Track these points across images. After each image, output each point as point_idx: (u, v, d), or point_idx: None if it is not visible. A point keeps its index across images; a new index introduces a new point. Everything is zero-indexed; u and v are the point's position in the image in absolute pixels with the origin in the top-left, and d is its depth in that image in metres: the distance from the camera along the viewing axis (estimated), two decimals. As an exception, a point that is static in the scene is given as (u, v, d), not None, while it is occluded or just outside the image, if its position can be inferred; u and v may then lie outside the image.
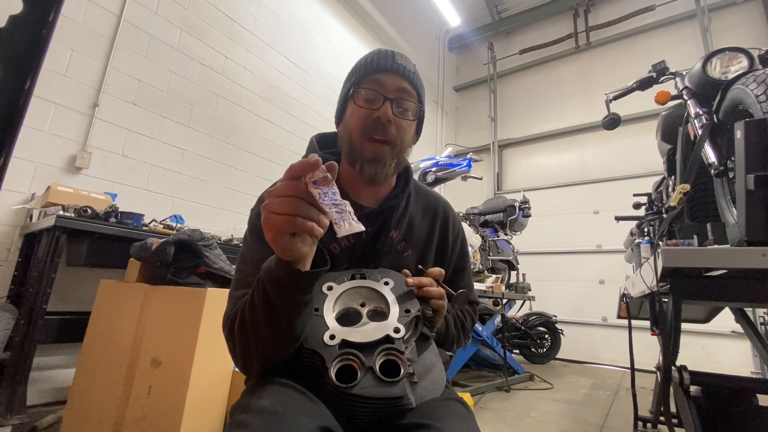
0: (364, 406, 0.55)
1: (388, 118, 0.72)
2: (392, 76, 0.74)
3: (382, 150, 0.74)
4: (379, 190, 0.82)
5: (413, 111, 0.76)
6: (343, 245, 0.77)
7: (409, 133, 0.79)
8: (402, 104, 0.75)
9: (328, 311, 0.63)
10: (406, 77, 0.75)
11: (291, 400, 0.55)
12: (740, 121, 0.98)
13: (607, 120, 1.76)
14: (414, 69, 0.78)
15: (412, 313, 0.63)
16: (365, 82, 0.75)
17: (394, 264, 0.76)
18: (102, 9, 2.60)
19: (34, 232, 2.06)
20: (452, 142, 6.79)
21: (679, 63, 1.81)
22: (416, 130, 0.83)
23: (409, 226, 0.83)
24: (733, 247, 0.98)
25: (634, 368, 2.12)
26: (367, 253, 0.77)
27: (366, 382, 0.55)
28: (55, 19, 0.38)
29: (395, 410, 0.57)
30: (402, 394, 0.55)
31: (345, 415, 0.57)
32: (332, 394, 0.56)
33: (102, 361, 1.60)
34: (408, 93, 0.75)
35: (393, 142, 0.74)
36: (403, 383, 0.56)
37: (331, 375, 0.55)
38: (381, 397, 0.54)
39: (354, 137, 0.75)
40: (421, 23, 6.57)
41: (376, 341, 0.58)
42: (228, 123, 3.40)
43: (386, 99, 0.73)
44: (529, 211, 4.35)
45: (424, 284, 0.68)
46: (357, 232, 0.52)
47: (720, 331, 4.30)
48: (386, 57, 0.77)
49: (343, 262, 0.76)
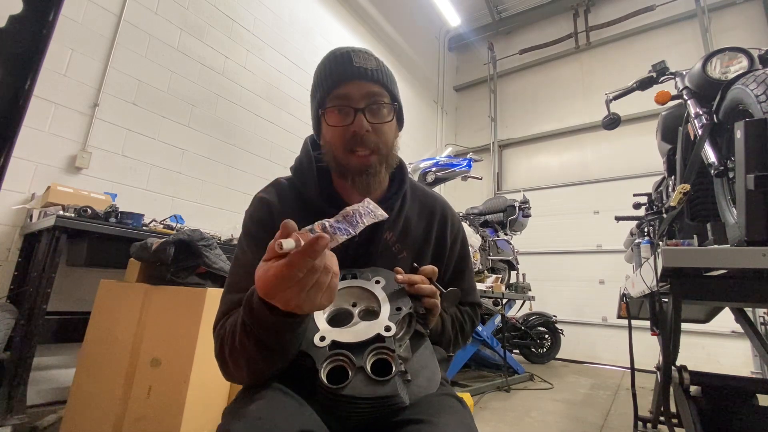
0: (356, 406, 0.55)
1: (365, 130, 0.69)
2: (356, 84, 0.70)
3: (368, 161, 0.72)
4: (374, 193, 0.80)
5: (388, 110, 0.74)
6: (336, 249, 0.76)
7: (391, 134, 0.76)
8: (374, 110, 0.71)
9: (319, 313, 0.62)
10: (370, 78, 0.71)
11: (278, 404, 0.55)
12: (740, 121, 0.98)
13: (607, 120, 1.76)
14: (376, 65, 0.73)
15: (403, 311, 0.63)
16: (330, 99, 0.72)
17: (389, 266, 0.75)
18: (102, 9, 2.59)
19: (34, 232, 2.06)
20: (452, 142, 6.79)
21: (679, 63, 1.81)
22: (398, 120, 0.80)
23: (405, 227, 0.81)
24: (733, 247, 0.98)
25: (634, 368, 2.12)
26: (361, 256, 0.76)
27: (357, 382, 0.54)
28: (55, 19, 0.38)
29: (388, 409, 0.56)
30: (393, 393, 0.54)
31: (338, 416, 0.56)
32: (324, 395, 0.55)
33: (102, 361, 1.60)
34: (377, 95, 0.72)
35: (377, 150, 0.72)
36: (395, 382, 0.55)
37: (322, 377, 0.54)
38: (372, 397, 0.54)
39: (337, 153, 0.73)
40: (421, 23, 6.57)
41: (367, 341, 0.58)
42: (228, 123, 3.40)
43: (357, 111, 0.70)
44: (529, 211, 4.35)
45: (415, 281, 0.67)
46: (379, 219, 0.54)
47: (720, 331, 4.30)
48: (343, 63, 0.71)
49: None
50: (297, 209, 0.76)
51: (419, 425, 0.55)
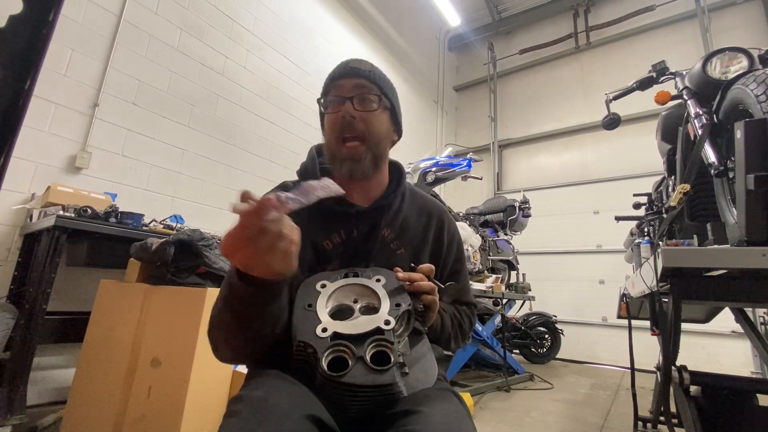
0: (355, 394, 0.57)
1: (351, 114, 0.76)
2: (348, 79, 0.80)
3: (356, 149, 0.77)
4: (372, 190, 0.84)
5: (376, 102, 0.79)
6: (334, 242, 0.79)
7: (381, 125, 0.80)
8: (362, 98, 0.78)
9: (321, 307, 0.65)
10: (361, 75, 0.80)
11: (283, 391, 0.57)
12: (740, 121, 0.98)
13: (607, 120, 1.76)
14: (370, 68, 0.82)
15: (402, 307, 0.65)
16: (327, 92, 0.82)
17: (387, 262, 0.78)
18: (102, 9, 2.59)
19: (34, 232, 2.06)
20: (452, 142, 6.79)
21: (679, 63, 1.81)
22: (394, 123, 0.85)
23: (403, 225, 0.85)
24: (733, 247, 0.98)
25: (634, 368, 2.12)
26: (359, 251, 0.79)
27: (356, 371, 0.57)
28: (55, 19, 0.38)
29: (386, 398, 0.58)
30: (392, 381, 0.56)
31: (338, 404, 0.58)
32: (324, 383, 0.57)
33: (102, 361, 1.60)
34: (365, 87, 0.79)
35: (363, 137, 0.77)
36: (393, 371, 0.57)
37: (323, 365, 0.57)
38: (371, 385, 0.56)
39: (331, 142, 0.80)
40: (421, 23, 6.57)
41: (367, 332, 0.61)
42: (228, 123, 3.40)
43: (345, 99, 0.78)
44: (529, 211, 4.35)
45: (415, 279, 0.70)
46: (335, 195, 0.58)
47: (720, 331, 4.30)
48: (342, 65, 0.82)
49: (335, 259, 0.78)
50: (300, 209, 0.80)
51: (412, 416, 0.56)
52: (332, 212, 0.80)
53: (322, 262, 0.78)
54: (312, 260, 0.77)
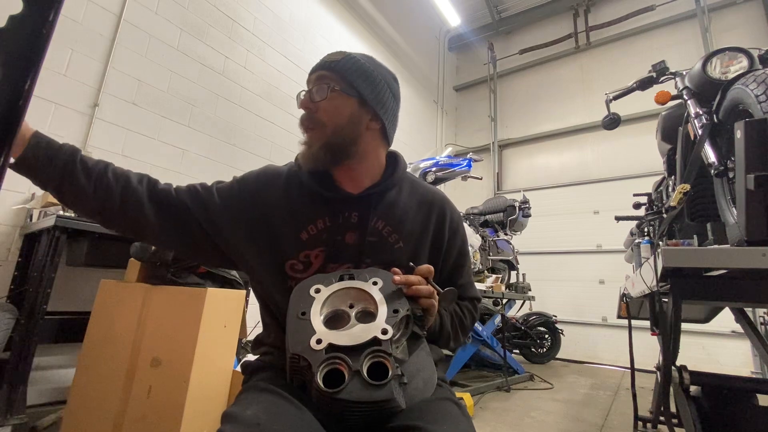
0: (352, 410, 0.55)
1: (305, 106, 0.80)
2: (314, 72, 0.82)
3: (309, 136, 0.80)
4: (361, 179, 0.82)
5: (331, 90, 0.78)
6: (319, 227, 0.78)
7: (339, 112, 0.78)
8: (318, 89, 0.79)
9: (315, 315, 0.62)
10: (325, 67, 0.81)
11: (276, 409, 0.56)
12: (740, 121, 0.98)
13: (607, 120, 1.76)
14: (341, 57, 0.82)
15: (400, 313, 0.62)
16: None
17: (386, 257, 0.76)
18: (102, 9, 2.59)
19: (34, 232, 2.06)
20: (452, 142, 6.79)
21: (679, 63, 1.81)
22: (369, 111, 0.80)
23: (402, 217, 0.82)
24: (733, 247, 0.98)
25: (634, 368, 2.13)
26: (347, 241, 0.78)
27: (353, 386, 0.54)
28: (55, 19, 0.37)
29: (384, 413, 0.56)
30: (389, 397, 0.54)
31: (334, 419, 0.56)
32: (320, 399, 0.55)
33: (102, 361, 1.60)
34: (323, 78, 0.80)
35: (318, 124, 0.78)
36: (391, 386, 0.55)
37: (318, 380, 0.54)
38: (368, 401, 0.53)
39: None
40: (421, 23, 6.56)
41: (364, 344, 0.58)
42: (228, 123, 3.40)
43: (305, 92, 0.82)
44: (529, 211, 4.35)
45: (413, 282, 0.67)
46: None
47: (720, 331, 4.30)
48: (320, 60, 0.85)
49: (318, 245, 0.77)
50: (291, 187, 0.84)
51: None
52: (320, 197, 0.79)
53: (307, 248, 0.77)
54: (291, 243, 0.77)
